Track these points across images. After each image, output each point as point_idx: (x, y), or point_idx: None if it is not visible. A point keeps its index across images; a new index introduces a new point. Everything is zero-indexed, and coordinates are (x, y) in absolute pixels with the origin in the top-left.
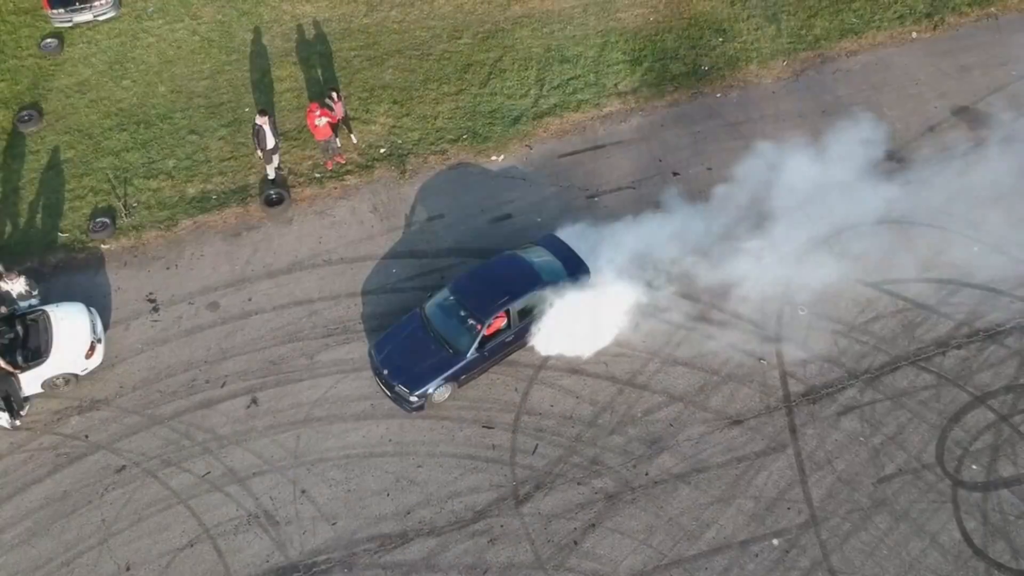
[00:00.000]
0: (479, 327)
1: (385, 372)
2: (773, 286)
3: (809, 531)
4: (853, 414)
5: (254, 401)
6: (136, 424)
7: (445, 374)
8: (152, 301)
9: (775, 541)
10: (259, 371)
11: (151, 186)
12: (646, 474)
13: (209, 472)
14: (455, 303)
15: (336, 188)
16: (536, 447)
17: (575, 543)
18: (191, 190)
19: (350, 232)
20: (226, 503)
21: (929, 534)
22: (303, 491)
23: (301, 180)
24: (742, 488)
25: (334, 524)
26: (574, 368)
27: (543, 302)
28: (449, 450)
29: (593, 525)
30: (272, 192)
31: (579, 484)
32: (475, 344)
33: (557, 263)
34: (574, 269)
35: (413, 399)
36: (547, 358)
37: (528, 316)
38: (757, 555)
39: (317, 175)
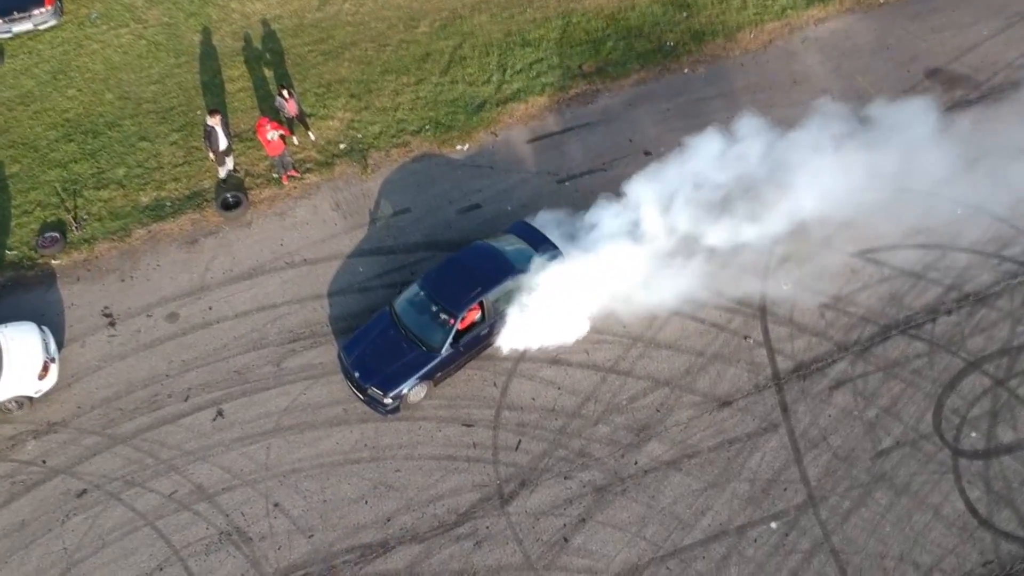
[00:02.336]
0: (452, 321)
1: (356, 375)
2: (755, 261)
3: (808, 512)
4: (845, 388)
5: (220, 413)
6: (96, 445)
7: (419, 373)
8: (108, 316)
9: (773, 524)
10: (224, 382)
11: (102, 196)
12: (635, 463)
13: (176, 491)
14: (426, 298)
15: (296, 187)
16: (519, 443)
17: (565, 540)
18: (144, 198)
19: (312, 232)
20: (195, 522)
21: (932, 507)
22: (276, 504)
23: (259, 181)
24: (736, 471)
25: (311, 537)
26: (554, 358)
27: (518, 291)
28: (428, 452)
29: (583, 520)
30: (229, 195)
31: (566, 478)
32: (449, 339)
33: (530, 250)
34: (547, 255)
35: (387, 401)
36: (526, 350)
37: (503, 307)
38: (756, 540)
39: (275, 175)
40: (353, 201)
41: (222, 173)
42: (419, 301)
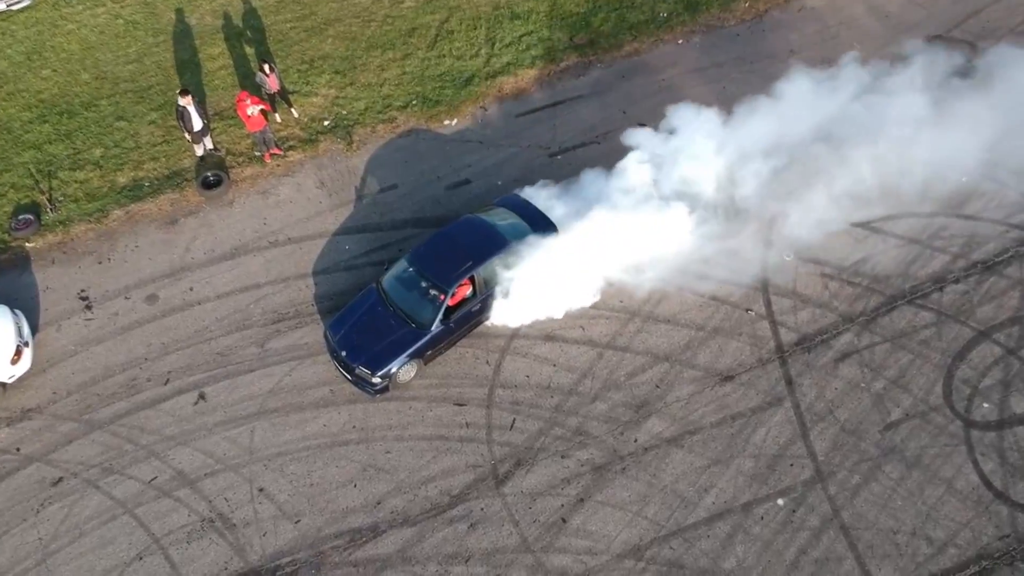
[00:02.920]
0: (442, 297)
1: (343, 354)
2: (756, 232)
3: (816, 487)
4: (851, 360)
5: (202, 397)
6: (72, 432)
7: (409, 351)
8: (84, 299)
9: (780, 501)
10: (205, 364)
11: (78, 178)
12: (635, 441)
13: (156, 477)
14: (414, 274)
15: (279, 165)
16: (514, 422)
17: (563, 521)
18: (122, 179)
19: (296, 210)
20: (176, 509)
21: (945, 480)
22: (261, 489)
23: (240, 160)
24: (739, 447)
25: (297, 522)
26: (549, 335)
27: (511, 265)
28: (419, 432)
29: (581, 500)
30: (210, 174)
31: (563, 457)
32: (439, 316)
33: (522, 223)
34: (540, 228)
35: (376, 380)
36: (519, 327)
37: (495, 282)
38: (762, 518)
39: (257, 153)
40: (338, 178)
41: (199, 152)
42: (407, 277)
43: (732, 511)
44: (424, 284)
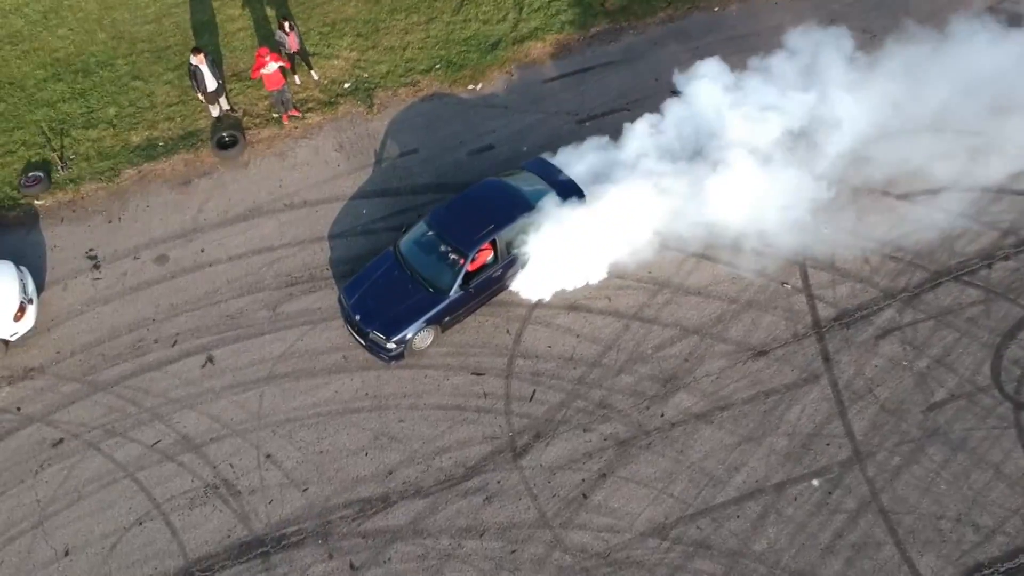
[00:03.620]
0: (462, 261)
1: (357, 318)
2: (791, 204)
3: (853, 468)
4: (893, 337)
5: (210, 360)
6: (75, 392)
7: (426, 316)
8: (93, 258)
9: (815, 482)
10: (215, 327)
11: (90, 136)
12: (661, 415)
13: (160, 441)
14: (434, 237)
15: (296, 128)
16: (534, 393)
17: (584, 496)
18: (135, 138)
19: (313, 173)
20: (180, 474)
21: (992, 464)
22: (268, 456)
23: (257, 121)
24: (773, 425)
25: (305, 490)
26: (572, 305)
27: (534, 230)
28: (434, 401)
29: (604, 475)
30: (225, 135)
31: (585, 431)
32: (458, 281)
33: (547, 188)
34: (567, 193)
35: (391, 346)
36: (541, 296)
37: (518, 247)
38: (796, 499)
39: (275, 115)
40: (357, 141)
41: (215, 112)
42: (426, 240)
43: (764, 491)
44: (443, 248)
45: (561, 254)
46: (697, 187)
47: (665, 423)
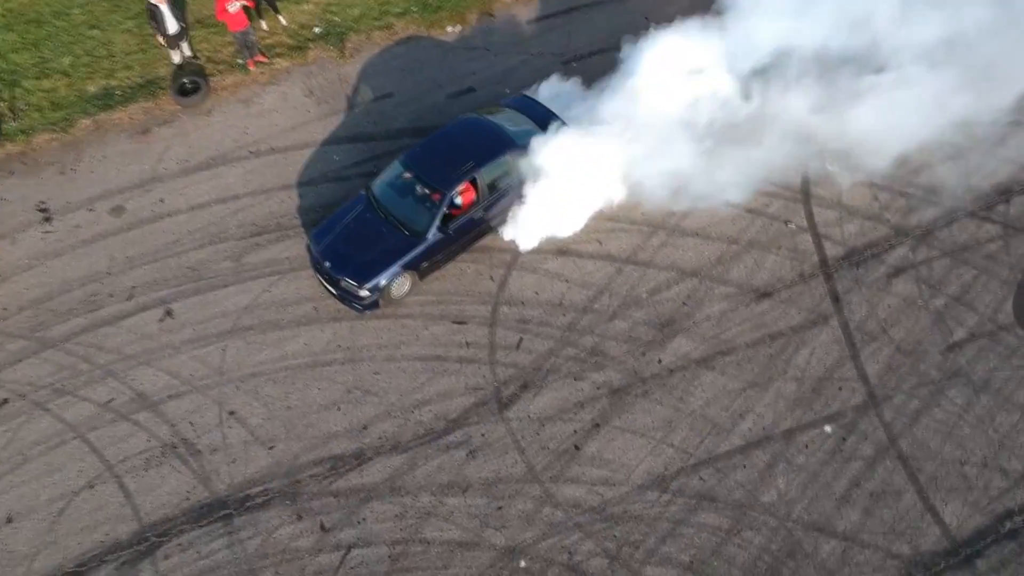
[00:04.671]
0: (438, 198)
1: (327, 265)
2: (794, 140)
3: (869, 413)
4: (906, 275)
5: (168, 313)
6: (22, 350)
7: (401, 261)
8: (44, 210)
9: (827, 428)
10: (174, 279)
11: (43, 87)
12: (659, 362)
13: (113, 399)
14: (409, 177)
15: (263, 74)
16: (520, 341)
17: (576, 448)
18: (91, 88)
19: (281, 120)
20: (134, 434)
21: (1018, 405)
22: (231, 412)
23: (221, 68)
24: (780, 369)
25: (271, 448)
26: (561, 249)
27: (518, 169)
28: (413, 352)
29: (597, 426)
30: (186, 80)
31: (576, 379)
32: (436, 222)
33: (531, 124)
34: (552, 129)
35: (364, 293)
36: (527, 239)
37: (500, 188)
38: (807, 446)
39: (240, 61)
40: (328, 87)
41: (176, 58)
42: (401, 181)
43: (772, 439)
44: (420, 188)
45: (548, 194)
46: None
47: (663, 369)
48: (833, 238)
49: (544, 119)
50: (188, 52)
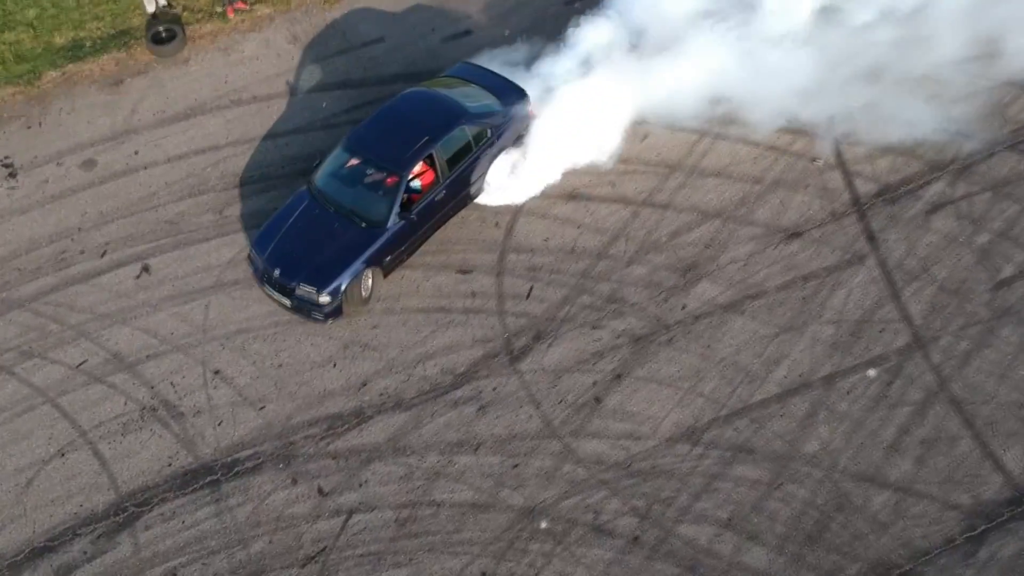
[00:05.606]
0: (394, 181)
1: (277, 272)
2: (818, 74)
3: (914, 356)
4: (946, 211)
5: (145, 269)
6: None
7: (363, 256)
8: (8, 166)
9: (871, 372)
10: (151, 234)
11: (6, 39)
12: (683, 308)
13: (86, 361)
14: (357, 162)
15: (243, 21)
16: (531, 289)
17: (596, 401)
18: (59, 39)
19: (264, 67)
20: (110, 397)
21: None
22: (216, 372)
23: (199, 16)
24: (815, 312)
25: (261, 409)
26: (571, 193)
27: (478, 141)
28: (414, 304)
29: (619, 376)
30: (161, 29)
31: (594, 328)
32: (395, 209)
33: (484, 92)
34: (507, 96)
35: (324, 299)
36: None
37: (463, 162)
38: (849, 392)
39: (218, 9)
40: (313, 32)
41: (150, 8)
42: (348, 168)
43: (810, 385)
44: (371, 172)
45: (516, 159)
46: (708, 55)
47: (687, 316)
48: (864, 175)
49: (495, 85)
50: (163, 1)
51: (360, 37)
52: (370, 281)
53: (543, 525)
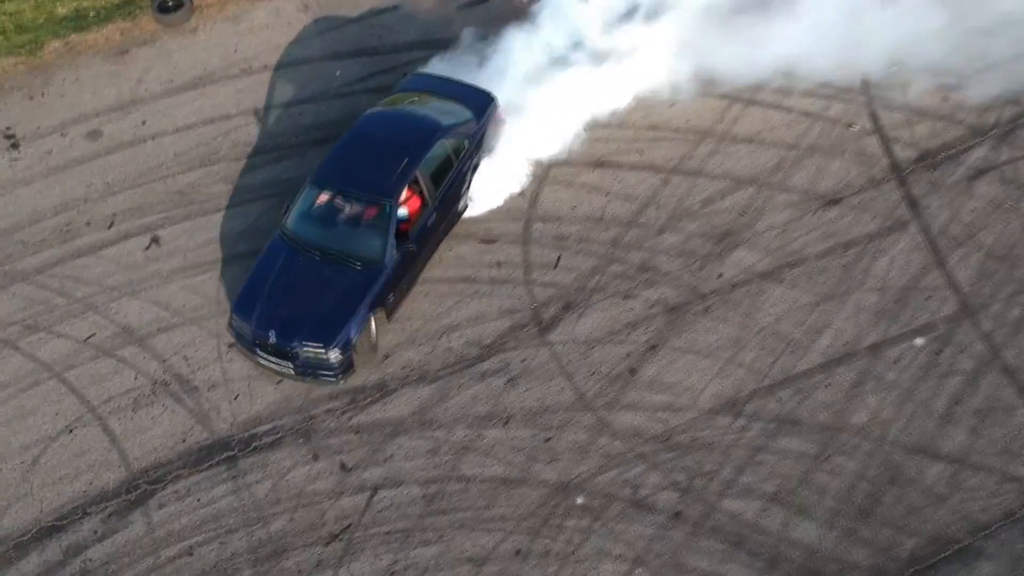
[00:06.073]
0: (385, 210)
1: (271, 336)
2: (854, 36)
3: (964, 323)
4: (990, 176)
5: (155, 241)
6: None
7: (366, 300)
8: (10, 137)
9: (918, 341)
10: (160, 204)
11: (7, 9)
12: (719, 276)
13: (94, 334)
14: (333, 198)
15: None
16: (559, 259)
17: (631, 372)
18: (61, 10)
19: (275, 36)
20: (120, 371)
21: None
22: (230, 345)
23: None
24: (857, 280)
25: (279, 383)
26: (597, 160)
27: (458, 154)
28: (436, 275)
29: (653, 347)
30: None
31: (625, 298)
32: (390, 240)
33: (450, 103)
34: (474, 103)
35: (333, 356)
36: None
37: (447, 178)
38: (896, 361)
39: None
40: (325, 1)
41: None
42: (323, 207)
43: (856, 355)
44: (353, 206)
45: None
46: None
47: (724, 284)
48: (903, 140)
49: (457, 92)
50: None
51: (373, 4)
52: (374, 326)
53: (579, 501)
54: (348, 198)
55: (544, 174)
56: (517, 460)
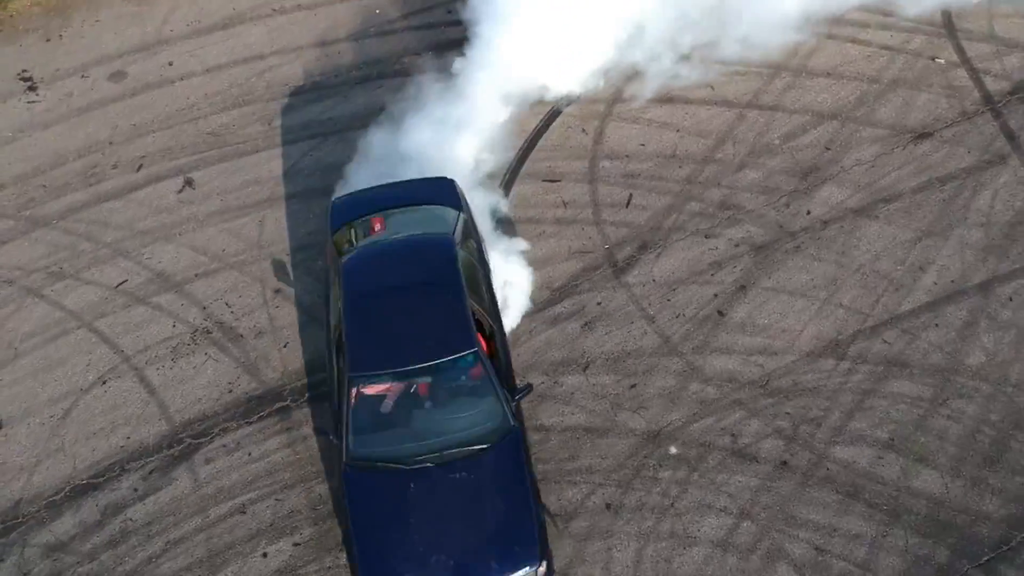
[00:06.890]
0: (478, 364)
1: None
2: None
3: None
4: None
5: (188, 183)
6: (7, 231)
7: (525, 479)
8: (27, 80)
9: None
10: (192, 146)
11: None
12: (807, 213)
13: (125, 281)
14: (399, 385)
15: None
16: (631, 197)
17: (720, 314)
18: None
19: None
20: (155, 319)
21: None
22: (277, 291)
23: None
24: (959, 215)
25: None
26: (666, 96)
27: (472, 253)
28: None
29: (743, 288)
30: None
31: (707, 237)
32: (500, 393)
33: (421, 208)
34: (440, 194)
35: (542, 572)
36: (619, 91)
37: (481, 285)
38: (1011, 299)
39: None
40: None
41: None
42: (391, 403)
43: (964, 293)
44: (436, 379)
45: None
46: None
47: (814, 221)
48: (993, 72)
49: (420, 194)
50: None
51: None
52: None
53: (673, 450)
54: (412, 377)
55: (607, 110)
56: (600, 408)
